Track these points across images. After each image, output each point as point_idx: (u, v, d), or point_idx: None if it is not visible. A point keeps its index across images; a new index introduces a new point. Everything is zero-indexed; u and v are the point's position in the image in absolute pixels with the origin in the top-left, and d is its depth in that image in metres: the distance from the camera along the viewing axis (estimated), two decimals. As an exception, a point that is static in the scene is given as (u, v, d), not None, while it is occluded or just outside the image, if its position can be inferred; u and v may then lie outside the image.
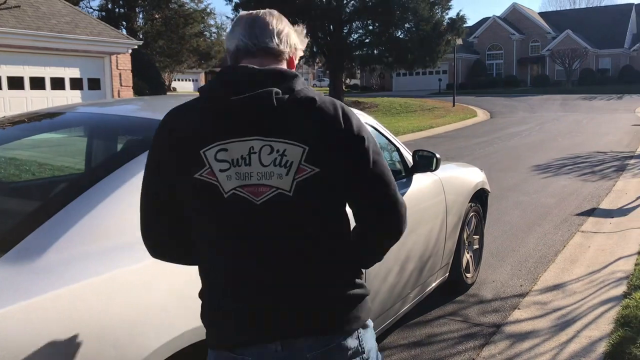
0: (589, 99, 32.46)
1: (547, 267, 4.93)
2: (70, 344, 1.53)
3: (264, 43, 1.45)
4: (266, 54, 1.45)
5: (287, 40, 1.50)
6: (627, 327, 3.53)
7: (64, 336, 1.53)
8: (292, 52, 1.52)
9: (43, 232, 1.73)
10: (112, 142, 2.75)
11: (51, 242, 1.70)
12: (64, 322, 1.55)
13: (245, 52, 1.45)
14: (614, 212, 6.89)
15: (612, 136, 15.68)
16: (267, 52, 1.45)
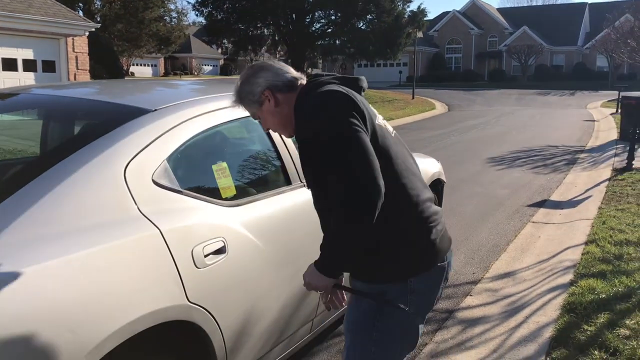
0: (544, 94, 33.28)
1: (498, 256, 5.08)
2: (25, 327, 1.52)
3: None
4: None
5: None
6: (573, 313, 3.68)
7: (18, 319, 1.52)
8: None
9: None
10: (68, 126, 2.71)
11: (5, 225, 1.68)
12: (19, 305, 1.54)
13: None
14: (564, 203, 7.13)
15: (564, 131, 16.14)
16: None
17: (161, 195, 2.08)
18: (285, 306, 2.63)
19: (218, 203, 2.33)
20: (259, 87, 1.90)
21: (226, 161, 2.52)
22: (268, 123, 1.98)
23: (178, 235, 2.02)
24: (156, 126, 2.19)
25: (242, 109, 2.00)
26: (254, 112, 1.98)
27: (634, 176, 8.52)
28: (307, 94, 1.85)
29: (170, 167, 2.16)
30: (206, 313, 2.09)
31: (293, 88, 1.91)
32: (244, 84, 1.92)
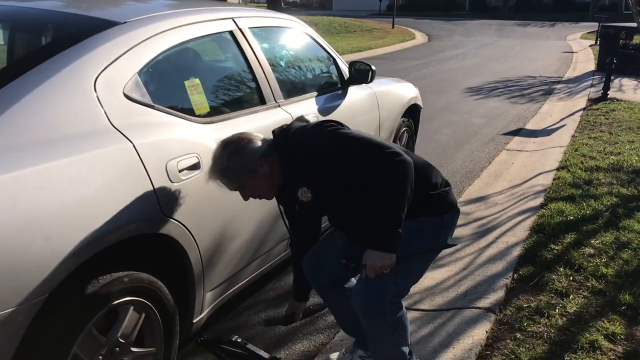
0: (524, 26, 32.93)
1: (472, 182, 5.17)
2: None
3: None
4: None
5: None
6: (541, 233, 3.80)
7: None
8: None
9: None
10: (35, 37, 2.61)
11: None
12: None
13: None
14: (538, 132, 7.21)
15: (543, 62, 16.10)
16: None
17: (133, 109, 2.05)
18: (261, 224, 2.67)
19: (192, 120, 2.31)
20: (253, 157, 2.00)
21: (199, 78, 2.48)
22: (256, 190, 2.09)
23: (151, 149, 2.01)
24: (126, 39, 2.13)
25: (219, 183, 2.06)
26: (241, 184, 2.05)
27: (609, 106, 8.61)
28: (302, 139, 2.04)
29: (141, 81, 2.12)
30: (182, 226, 2.11)
31: (272, 148, 2.06)
32: (234, 157, 1.99)
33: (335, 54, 3.78)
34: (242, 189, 2.07)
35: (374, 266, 1.95)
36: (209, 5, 2.82)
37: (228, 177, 2.01)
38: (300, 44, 3.57)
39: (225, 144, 2.02)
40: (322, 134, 2.00)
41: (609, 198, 4.41)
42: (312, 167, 2.00)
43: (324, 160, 1.97)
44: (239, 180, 2.02)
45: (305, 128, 2.07)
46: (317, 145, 1.99)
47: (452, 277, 3.29)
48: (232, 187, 2.06)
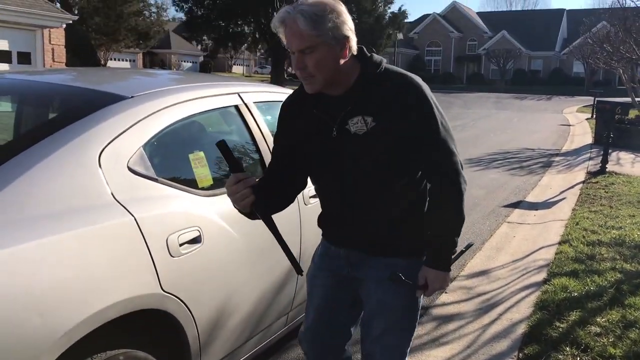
0: (521, 99, 33.69)
1: (474, 255, 5.13)
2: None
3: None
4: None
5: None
6: (545, 310, 3.73)
7: (-15, 303, 1.48)
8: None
9: (-35, 197, 1.66)
10: (43, 110, 2.65)
11: (-26, 208, 1.64)
12: (-14, 288, 1.50)
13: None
14: (539, 204, 7.22)
15: (541, 134, 16.35)
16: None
17: (136, 182, 2.05)
18: (261, 299, 2.62)
19: (194, 192, 2.30)
20: (346, 30, 1.69)
21: (203, 151, 2.49)
22: (321, 62, 1.69)
23: (153, 223, 1.99)
24: (133, 113, 2.16)
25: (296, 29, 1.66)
26: (319, 41, 1.67)
27: (608, 179, 8.67)
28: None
29: (146, 155, 2.13)
30: (180, 303, 2.06)
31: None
32: (331, 10, 1.66)
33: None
34: (308, 51, 1.68)
35: (435, 289, 1.86)
36: (215, 80, 2.88)
37: (318, 21, 1.63)
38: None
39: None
40: (425, 94, 1.80)
41: (613, 274, 4.36)
42: (394, 103, 1.74)
43: (410, 117, 1.74)
44: (322, 32, 1.65)
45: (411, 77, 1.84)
46: (415, 98, 1.76)
47: (456, 356, 3.20)
48: (306, 35, 1.65)
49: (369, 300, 1.99)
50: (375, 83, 1.76)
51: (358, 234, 1.92)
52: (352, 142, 1.77)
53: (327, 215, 2.03)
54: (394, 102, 1.74)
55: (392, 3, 30.85)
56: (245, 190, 1.71)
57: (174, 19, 50.84)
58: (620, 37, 18.34)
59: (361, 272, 1.97)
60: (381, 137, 1.75)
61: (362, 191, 1.85)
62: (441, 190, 1.83)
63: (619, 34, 18.46)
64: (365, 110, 1.75)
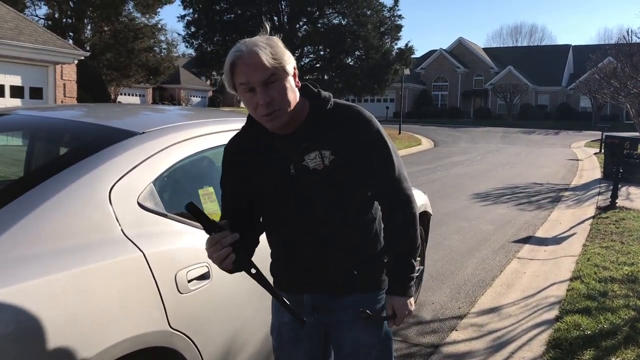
0: (528, 133, 33.75)
1: (484, 291, 5.06)
2: (1, 347, 1.47)
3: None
4: None
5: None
6: (558, 349, 3.65)
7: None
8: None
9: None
10: (54, 146, 2.68)
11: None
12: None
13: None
14: (549, 240, 7.15)
15: (549, 169, 16.32)
16: None
17: (146, 218, 2.05)
18: (269, 335, 2.58)
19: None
20: (293, 61, 1.73)
21: (213, 186, 2.50)
22: (282, 93, 1.66)
23: (162, 259, 1.99)
24: (143, 149, 2.17)
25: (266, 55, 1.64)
26: (279, 69, 1.66)
27: (618, 214, 8.60)
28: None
29: (156, 190, 2.14)
30: (188, 340, 2.04)
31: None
32: (280, 44, 1.71)
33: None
34: (271, 81, 1.64)
35: (404, 316, 1.85)
36: (225, 116, 2.90)
37: (273, 52, 1.64)
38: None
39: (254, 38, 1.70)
40: (374, 124, 1.80)
41: (627, 311, 4.28)
42: (349, 137, 1.74)
43: (364, 143, 1.76)
44: (281, 61, 1.65)
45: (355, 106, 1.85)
46: (366, 130, 1.78)
47: (467, 396, 3.12)
48: (268, 65, 1.62)
49: (342, 343, 1.92)
50: (328, 117, 1.77)
51: (322, 275, 1.85)
52: (312, 178, 1.74)
53: (284, 261, 1.93)
54: (349, 135, 1.75)
55: (399, 39, 31.15)
56: (223, 250, 1.60)
57: (184, 55, 51.60)
58: (627, 72, 18.43)
59: (330, 316, 1.91)
60: (342, 171, 1.74)
61: (326, 227, 1.80)
62: (398, 217, 1.83)
63: (626, 69, 18.55)
64: (322, 145, 1.74)
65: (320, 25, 30.19)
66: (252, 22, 28.87)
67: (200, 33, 30.23)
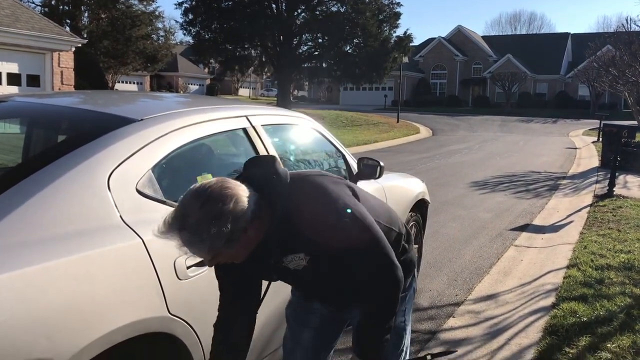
0: (526, 122, 33.74)
1: (481, 278, 5.09)
2: (0, 333, 1.48)
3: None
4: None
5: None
6: (555, 335, 3.68)
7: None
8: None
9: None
10: (52, 133, 2.67)
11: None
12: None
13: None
14: (546, 228, 7.18)
15: (547, 157, 16.34)
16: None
17: (145, 204, 2.05)
18: (267, 322, 2.60)
19: (202, 215, 2.30)
20: (239, 224, 1.53)
21: (212, 173, 2.50)
22: (230, 259, 1.62)
23: (160, 245, 1.98)
24: (142, 136, 2.17)
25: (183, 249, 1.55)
26: (214, 254, 1.55)
27: (615, 202, 8.63)
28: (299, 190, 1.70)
29: (154, 177, 2.14)
30: (187, 326, 2.05)
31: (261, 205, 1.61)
32: (214, 224, 1.49)
33: (343, 149, 3.84)
34: (213, 259, 1.57)
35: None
36: (223, 103, 2.90)
37: (200, 247, 1.51)
38: (310, 140, 3.64)
39: (203, 202, 1.49)
40: (336, 205, 1.66)
41: (622, 298, 4.31)
42: (318, 237, 1.65)
43: (332, 238, 1.65)
44: (213, 250, 1.52)
45: (311, 186, 1.71)
46: (329, 219, 1.65)
47: (464, 381, 3.15)
48: (200, 256, 1.56)
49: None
50: (287, 219, 1.65)
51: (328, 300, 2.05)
52: (296, 275, 1.78)
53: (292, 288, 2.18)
54: (316, 230, 1.65)
55: (397, 27, 31.03)
56: None
57: (182, 43, 51.33)
58: (626, 60, 18.41)
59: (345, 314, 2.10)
60: (324, 264, 1.76)
61: (324, 289, 1.95)
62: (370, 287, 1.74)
63: (625, 57, 18.53)
64: (294, 250, 1.72)
65: (319, 12, 30.04)
66: (250, 9, 28.73)
67: (198, 20, 30.08)
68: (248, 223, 1.54)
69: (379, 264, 1.70)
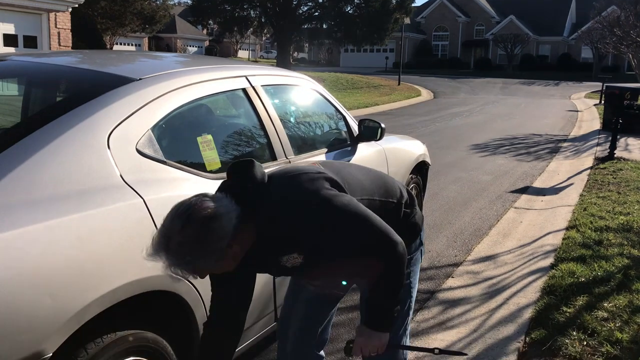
0: (528, 84, 33.47)
1: (481, 240, 5.12)
2: (3, 290, 1.49)
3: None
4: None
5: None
6: (552, 295, 3.73)
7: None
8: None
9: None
10: (50, 93, 2.65)
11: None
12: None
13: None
14: (546, 190, 7.19)
15: (548, 120, 16.26)
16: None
17: (145, 164, 2.05)
18: (268, 282, 2.63)
19: (203, 175, 2.31)
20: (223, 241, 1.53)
21: (211, 134, 2.49)
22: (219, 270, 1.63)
23: (162, 205, 1.98)
24: (141, 95, 2.15)
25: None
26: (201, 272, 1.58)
27: (616, 165, 8.62)
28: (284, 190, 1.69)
29: (154, 137, 2.13)
30: (189, 284, 2.07)
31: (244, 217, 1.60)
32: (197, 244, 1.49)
33: (344, 111, 3.82)
34: (201, 274, 1.60)
35: (363, 345, 1.82)
36: (223, 63, 2.86)
37: (186, 268, 1.52)
38: (310, 101, 3.61)
39: (183, 224, 1.49)
40: (315, 202, 1.65)
41: (620, 259, 4.35)
42: (307, 237, 1.67)
43: (320, 234, 1.66)
44: (200, 270, 1.56)
45: (288, 187, 1.70)
46: (311, 216, 1.65)
47: (462, 339, 3.20)
48: (188, 275, 1.57)
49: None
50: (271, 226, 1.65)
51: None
52: (295, 270, 1.79)
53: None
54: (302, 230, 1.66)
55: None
56: None
57: (180, 3, 50.66)
58: (631, 21, 18.14)
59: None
60: (321, 260, 1.74)
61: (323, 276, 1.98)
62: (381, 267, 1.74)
63: (630, 18, 18.26)
64: (286, 251, 1.71)
65: (319, -28, 29.50)
66: (249, -32, 28.20)
67: (196, -20, 29.57)
68: (231, 239, 1.54)
69: (375, 246, 1.69)
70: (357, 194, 1.79)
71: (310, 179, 1.70)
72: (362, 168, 2.01)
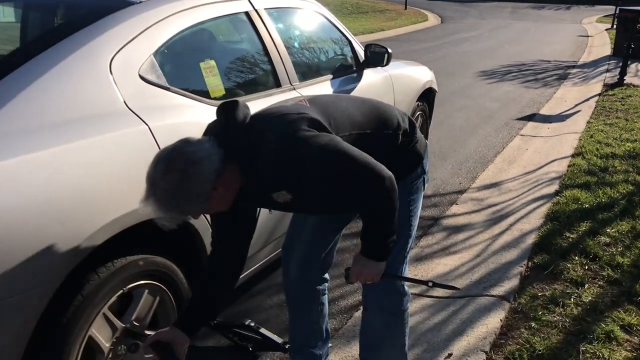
0: (538, 8, 32.51)
1: (486, 167, 5.12)
2: (12, 217, 1.51)
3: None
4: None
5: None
6: (556, 221, 3.76)
7: (4, 210, 1.50)
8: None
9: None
10: (50, 17, 2.58)
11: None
12: (4, 195, 1.51)
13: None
14: (553, 117, 7.12)
15: (558, 45, 15.89)
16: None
17: (148, 90, 2.02)
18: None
19: (207, 102, 2.28)
20: (207, 184, 1.53)
21: (215, 60, 2.44)
22: (209, 211, 1.68)
23: (167, 132, 1.98)
24: (142, 19, 2.10)
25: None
26: (190, 216, 1.63)
27: (625, 91, 8.49)
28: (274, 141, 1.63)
29: (157, 63, 2.09)
30: (196, 211, 2.08)
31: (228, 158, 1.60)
32: (180, 191, 1.50)
33: (350, 36, 3.72)
34: (192, 217, 1.69)
35: (358, 272, 1.85)
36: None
37: (174, 213, 1.55)
38: (315, 25, 3.52)
39: (165, 169, 1.50)
40: (292, 143, 1.62)
41: (625, 186, 4.36)
42: (291, 177, 1.66)
43: (306, 175, 1.65)
44: (187, 213, 1.58)
45: (268, 129, 1.66)
46: (290, 157, 1.63)
47: (465, 264, 3.26)
48: (177, 221, 1.62)
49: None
50: (256, 165, 1.64)
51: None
52: (287, 206, 1.76)
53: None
54: (284, 171, 1.64)
55: None
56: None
57: None
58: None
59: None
60: (310, 197, 1.73)
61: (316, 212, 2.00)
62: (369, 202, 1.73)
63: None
64: (275, 189, 1.70)
65: None
66: None
67: None
68: (215, 182, 1.55)
69: (361, 182, 1.67)
70: (345, 129, 1.76)
71: (290, 121, 1.67)
72: (355, 100, 1.96)
